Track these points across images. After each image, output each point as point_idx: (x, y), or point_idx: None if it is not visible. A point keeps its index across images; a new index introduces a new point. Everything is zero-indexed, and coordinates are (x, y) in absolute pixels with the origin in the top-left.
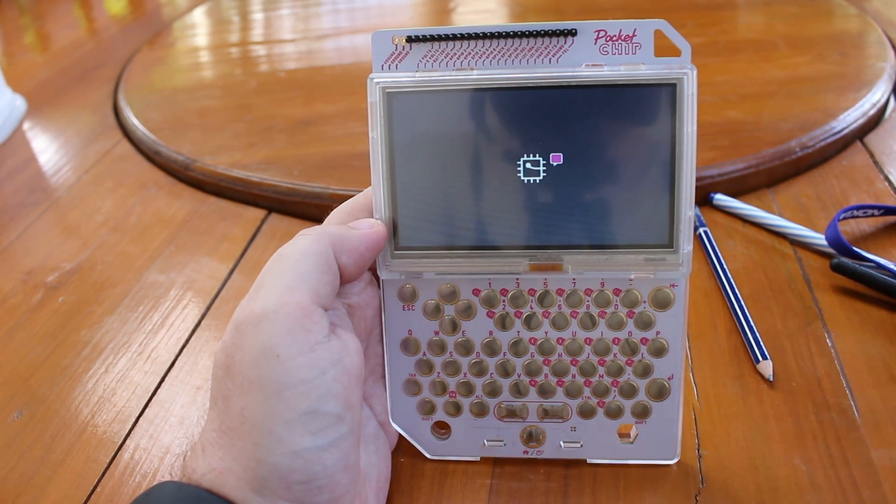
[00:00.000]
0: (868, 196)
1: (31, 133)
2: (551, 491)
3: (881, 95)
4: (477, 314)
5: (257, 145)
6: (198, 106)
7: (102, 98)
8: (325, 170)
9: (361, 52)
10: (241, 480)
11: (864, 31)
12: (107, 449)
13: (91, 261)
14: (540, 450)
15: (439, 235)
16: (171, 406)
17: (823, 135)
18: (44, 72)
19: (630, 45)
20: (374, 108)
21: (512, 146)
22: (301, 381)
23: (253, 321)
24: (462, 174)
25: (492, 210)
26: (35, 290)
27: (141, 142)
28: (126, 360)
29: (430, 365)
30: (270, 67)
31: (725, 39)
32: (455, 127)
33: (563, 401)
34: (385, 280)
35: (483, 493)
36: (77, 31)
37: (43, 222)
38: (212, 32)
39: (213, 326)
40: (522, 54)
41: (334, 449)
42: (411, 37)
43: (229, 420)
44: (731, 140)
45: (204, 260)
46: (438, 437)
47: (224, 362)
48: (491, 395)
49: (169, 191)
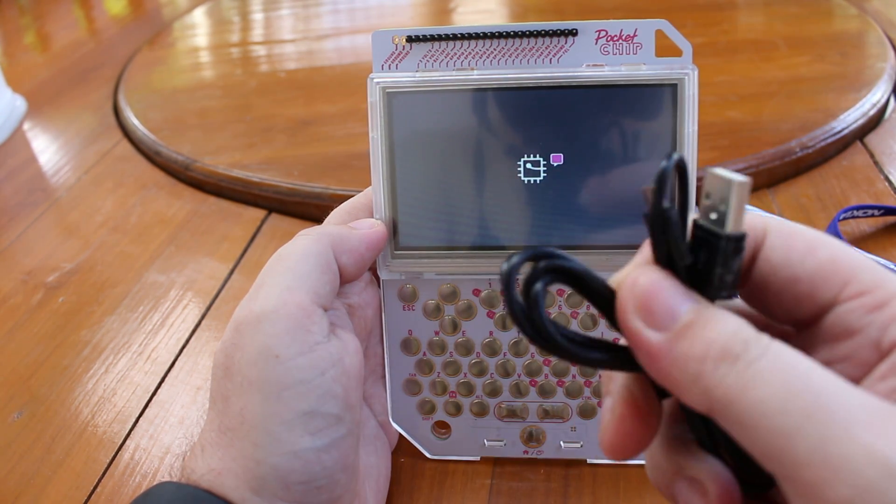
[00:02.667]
0: (868, 196)
1: (31, 133)
2: (551, 491)
3: (881, 95)
4: (477, 314)
5: (257, 145)
6: (198, 106)
7: (102, 98)
8: (325, 170)
9: (361, 52)
10: (240, 481)
11: (864, 31)
12: (107, 449)
13: (91, 261)
14: (540, 450)
15: (439, 235)
16: (171, 406)
17: (823, 135)
18: (44, 72)
19: (631, 45)
20: (374, 108)
21: (512, 146)
22: (300, 382)
23: (253, 321)
24: (462, 174)
25: (492, 210)
26: (35, 290)
27: (141, 142)
28: (126, 361)
29: (430, 365)
30: (270, 67)
31: (725, 39)
32: (455, 127)
33: (563, 401)
34: (385, 280)
35: (483, 493)
36: (77, 31)
37: (43, 222)
38: (212, 32)
39: (213, 326)
40: (523, 54)
41: (333, 449)
42: (411, 37)
43: (228, 420)
44: (731, 140)
45: (204, 260)
46: (438, 437)
47: (223, 362)
48: (491, 395)
49: (169, 191)
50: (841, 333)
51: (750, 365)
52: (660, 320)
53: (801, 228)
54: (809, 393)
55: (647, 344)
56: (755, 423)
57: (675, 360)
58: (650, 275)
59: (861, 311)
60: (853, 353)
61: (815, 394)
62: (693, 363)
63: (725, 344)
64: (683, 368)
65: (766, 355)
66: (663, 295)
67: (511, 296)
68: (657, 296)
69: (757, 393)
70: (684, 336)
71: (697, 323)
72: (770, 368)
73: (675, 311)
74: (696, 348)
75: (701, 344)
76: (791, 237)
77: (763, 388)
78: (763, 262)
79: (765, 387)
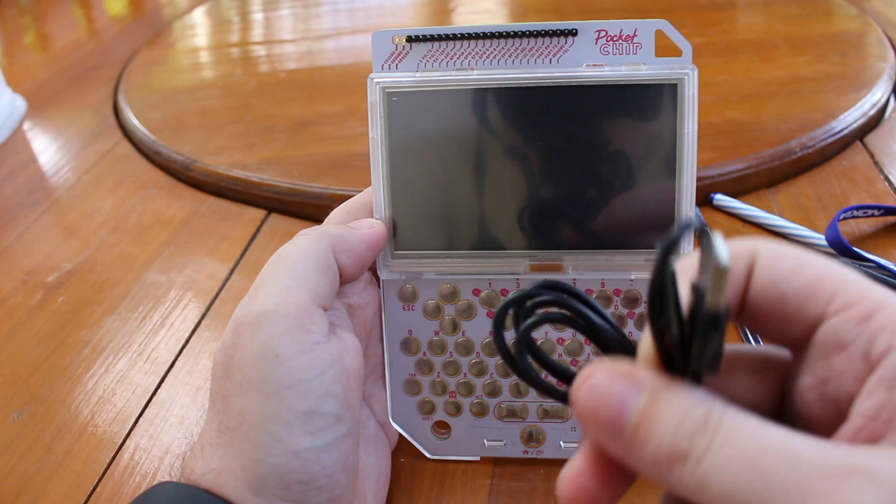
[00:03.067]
0: (868, 196)
1: (31, 133)
2: (551, 491)
3: (881, 95)
4: (477, 314)
5: (257, 145)
6: (198, 106)
7: (102, 98)
8: (325, 170)
9: (361, 52)
10: (240, 480)
11: (864, 31)
12: (107, 449)
13: (91, 261)
14: (540, 450)
15: (439, 236)
16: (171, 406)
17: (823, 135)
18: (44, 72)
19: (631, 45)
20: (374, 108)
21: (512, 146)
22: (300, 382)
23: (252, 321)
24: (462, 174)
25: (492, 210)
26: (35, 290)
27: (141, 142)
28: (126, 361)
29: (430, 365)
30: (270, 67)
31: (725, 39)
32: (455, 127)
33: None
34: (385, 280)
35: (483, 493)
36: (77, 31)
37: (43, 222)
38: (212, 32)
39: (213, 326)
40: (523, 54)
41: (333, 449)
42: (411, 37)
43: (228, 420)
44: (731, 140)
45: (204, 260)
46: (438, 437)
47: (223, 362)
48: (491, 395)
49: (169, 191)
50: (833, 348)
51: (700, 462)
52: (611, 428)
53: (787, 249)
54: (762, 475)
55: (609, 452)
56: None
57: (637, 464)
58: (597, 375)
59: (849, 324)
60: (846, 368)
61: (769, 473)
62: (651, 468)
63: (671, 444)
64: (646, 471)
65: (713, 445)
66: (608, 398)
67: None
68: (603, 400)
69: (714, 487)
70: (634, 440)
71: (644, 421)
72: (721, 459)
73: (622, 415)
74: (647, 454)
75: (651, 448)
76: (778, 258)
77: (718, 481)
78: (754, 285)
79: (720, 479)
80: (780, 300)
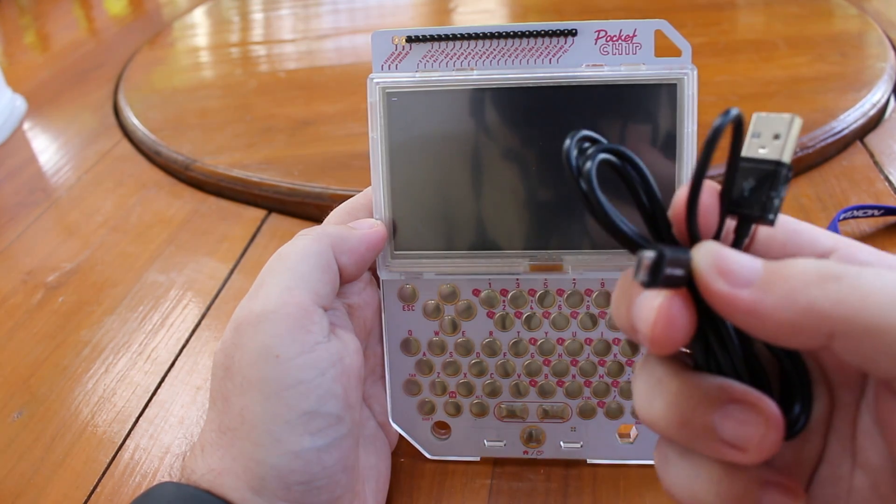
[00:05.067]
0: (868, 196)
1: (31, 133)
2: (551, 491)
3: (881, 95)
4: (477, 314)
5: (257, 145)
6: (198, 106)
7: (102, 98)
8: (325, 170)
9: (361, 52)
10: (240, 481)
11: (864, 31)
12: (107, 449)
13: (91, 261)
14: (540, 450)
15: (439, 236)
16: (171, 406)
17: (823, 135)
18: (44, 72)
19: (630, 45)
20: (373, 108)
21: (512, 146)
22: (300, 382)
23: (253, 321)
24: (462, 174)
25: (491, 210)
26: (35, 290)
27: (141, 142)
28: (126, 360)
29: (430, 365)
30: (270, 67)
31: (725, 39)
32: (455, 127)
33: (563, 401)
34: (385, 280)
35: (483, 494)
36: (77, 31)
37: (43, 222)
38: (212, 32)
39: (213, 326)
40: (522, 54)
41: (334, 449)
42: (411, 37)
43: (228, 420)
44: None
45: (204, 260)
46: (438, 438)
47: (223, 362)
48: (491, 395)
49: (169, 191)
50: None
51: (858, 278)
52: (744, 276)
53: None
54: None
55: (742, 302)
56: (887, 326)
57: (777, 301)
58: (712, 245)
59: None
60: None
61: None
62: (799, 294)
63: (819, 269)
64: (789, 305)
65: (863, 271)
66: (734, 255)
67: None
68: (730, 257)
69: (879, 297)
70: (773, 281)
71: (778, 266)
72: (877, 277)
73: (752, 263)
74: (794, 281)
75: (797, 275)
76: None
77: (881, 294)
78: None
79: (882, 292)
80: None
